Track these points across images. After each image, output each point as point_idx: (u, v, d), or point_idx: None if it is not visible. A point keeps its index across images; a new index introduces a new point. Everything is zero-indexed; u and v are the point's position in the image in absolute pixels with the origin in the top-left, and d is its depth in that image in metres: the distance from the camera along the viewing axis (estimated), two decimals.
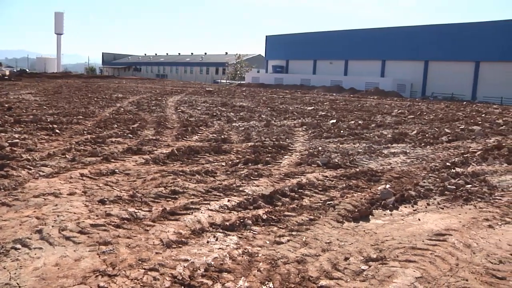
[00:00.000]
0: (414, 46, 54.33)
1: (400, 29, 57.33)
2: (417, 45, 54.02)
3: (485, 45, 48.01)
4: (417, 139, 12.15)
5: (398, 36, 56.55)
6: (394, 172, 7.75)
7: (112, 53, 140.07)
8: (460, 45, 50.13)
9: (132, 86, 40.10)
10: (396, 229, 4.88)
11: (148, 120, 13.71)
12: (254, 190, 6.07)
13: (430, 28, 54.50)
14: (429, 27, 55.02)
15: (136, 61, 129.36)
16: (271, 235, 4.47)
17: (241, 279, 3.44)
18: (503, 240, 4.67)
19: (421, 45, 53.70)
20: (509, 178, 7.75)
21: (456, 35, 50.67)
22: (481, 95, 48.35)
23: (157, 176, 6.61)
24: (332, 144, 10.68)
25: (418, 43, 53.95)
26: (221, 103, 22.56)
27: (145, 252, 3.85)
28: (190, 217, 4.82)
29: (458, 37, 50.47)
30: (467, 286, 3.50)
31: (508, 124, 18.10)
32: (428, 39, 53.04)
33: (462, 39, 50.05)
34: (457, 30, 51.36)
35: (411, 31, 55.60)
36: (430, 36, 53.03)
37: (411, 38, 54.85)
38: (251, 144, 9.92)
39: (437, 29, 53.65)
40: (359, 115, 19.63)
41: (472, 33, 49.40)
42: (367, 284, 3.49)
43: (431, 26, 54.97)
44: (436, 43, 52.30)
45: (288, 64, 72.31)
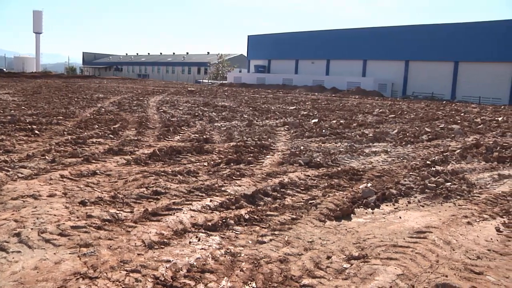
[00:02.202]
0: (395, 46, 54.92)
1: (381, 29, 57.87)
2: (398, 45, 54.62)
3: (464, 45, 48.80)
4: (398, 138, 12.29)
5: (379, 36, 57.08)
6: (376, 171, 7.82)
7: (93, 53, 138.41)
8: (440, 46, 50.85)
9: (113, 86, 39.73)
10: (377, 227, 4.93)
11: (130, 121, 13.60)
12: (236, 190, 6.07)
13: (410, 28, 55.16)
14: (410, 27, 55.68)
15: (117, 61, 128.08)
16: (254, 234, 4.47)
17: (223, 279, 3.44)
18: (481, 236, 4.76)
19: (402, 45, 54.31)
20: (487, 175, 7.89)
21: (436, 36, 51.38)
22: (460, 94, 49.13)
23: (138, 176, 6.55)
24: (314, 144, 10.73)
25: (399, 43, 54.55)
26: (203, 103, 22.49)
27: (127, 254, 3.82)
28: (172, 218, 4.79)
29: (438, 37, 51.19)
30: (446, 282, 3.55)
31: (485, 123, 18.42)
32: (409, 39, 53.67)
33: (442, 39, 50.77)
34: (437, 30, 52.08)
35: (392, 31, 56.17)
36: (411, 36, 53.67)
37: (392, 38, 55.42)
38: (233, 144, 9.91)
39: (417, 29, 54.32)
40: (341, 114, 19.76)
41: (451, 34, 50.15)
42: (349, 282, 3.51)
43: (411, 27, 55.64)
44: (417, 43, 52.96)
45: (270, 64, 72.39)
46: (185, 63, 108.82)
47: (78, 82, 46.06)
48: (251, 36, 76.43)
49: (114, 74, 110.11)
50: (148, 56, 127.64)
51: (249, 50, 76.46)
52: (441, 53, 50.95)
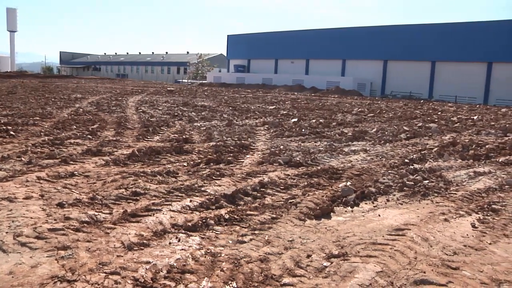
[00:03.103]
0: (373, 46, 55.53)
1: (360, 29, 58.44)
2: (377, 45, 55.24)
3: (441, 46, 49.65)
4: (376, 136, 12.42)
5: (358, 36, 57.64)
6: (355, 170, 7.89)
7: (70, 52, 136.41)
8: (417, 46, 51.63)
9: (92, 86, 39.25)
10: (357, 225, 4.97)
11: (108, 121, 13.46)
12: (216, 190, 6.05)
13: (388, 29, 55.87)
14: (388, 27, 56.38)
15: (95, 61, 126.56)
16: (234, 234, 4.46)
17: (204, 280, 3.43)
18: (457, 232, 4.86)
19: (380, 45, 54.95)
20: (463, 173, 8.03)
21: (414, 36, 52.16)
22: (437, 93, 49.95)
23: (117, 177, 6.49)
24: (294, 143, 10.78)
25: (378, 43, 55.18)
26: (183, 103, 22.38)
27: (106, 256, 3.77)
28: (151, 219, 4.76)
29: (415, 37, 51.97)
30: (424, 278, 3.61)
31: (461, 121, 18.76)
32: (387, 39, 54.36)
33: (419, 39, 51.58)
34: (415, 31, 52.87)
35: (371, 32, 56.78)
36: (389, 36, 54.36)
37: (371, 38, 56.03)
38: (213, 143, 9.89)
39: (395, 29, 55.07)
40: (320, 113, 19.88)
41: (429, 34, 50.98)
42: (329, 281, 3.53)
43: (390, 27, 56.36)
44: (395, 43, 53.68)
45: (249, 63, 72.44)
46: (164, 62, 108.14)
47: (55, 82, 45.37)
48: (230, 35, 76.38)
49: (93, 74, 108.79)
50: (127, 56, 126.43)
51: (229, 49, 76.40)
52: (418, 53, 51.75)
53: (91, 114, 15.16)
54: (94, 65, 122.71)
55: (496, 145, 11.50)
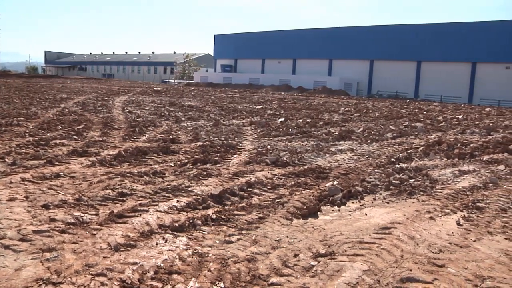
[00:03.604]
0: (360, 46, 55.88)
1: (346, 30, 58.75)
2: (363, 45, 55.60)
3: (426, 45, 50.17)
4: (363, 136, 12.50)
5: (344, 36, 57.94)
6: (342, 169, 7.92)
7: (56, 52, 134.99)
8: (403, 45, 52.10)
9: (77, 86, 38.92)
10: (344, 225, 5.00)
11: (94, 121, 13.35)
12: (203, 190, 6.04)
13: (375, 29, 56.24)
14: (374, 27, 56.75)
15: (81, 60, 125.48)
16: (221, 234, 4.46)
17: (191, 280, 3.42)
18: (443, 230, 4.91)
19: (366, 45, 55.32)
20: (448, 171, 8.12)
21: (400, 36, 52.63)
22: (423, 93, 50.44)
23: (104, 178, 6.43)
24: (281, 143, 10.80)
25: (364, 43, 55.54)
26: (169, 103, 22.30)
27: (92, 257, 3.74)
28: (138, 219, 4.73)
29: (401, 37, 52.44)
30: (411, 276, 3.64)
31: (447, 120, 18.97)
32: (373, 39, 54.74)
33: (405, 39, 52.04)
34: (401, 31, 53.34)
35: (357, 32, 57.13)
36: (375, 36, 54.75)
37: (357, 38, 56.38)
38: (199, 143, 9.86)
39: (381, 29, 55.46)
40: (307, 113, 19.94)
41: (414, 34, 51.48)
42: (316, 280, 3.55)
43: (376, 27, 56.73)
44: (381, 43, 54.08)
45: (236, 63, 72.40)
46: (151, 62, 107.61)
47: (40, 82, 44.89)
48: (217, 35, 76.26)
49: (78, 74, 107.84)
50: (113, 56, 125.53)
51: (216, 49, 76.29)
52: (404, 53, 52.21)
53: (77, 114, 15.03)
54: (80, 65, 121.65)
55: (481, 144, 11.66)
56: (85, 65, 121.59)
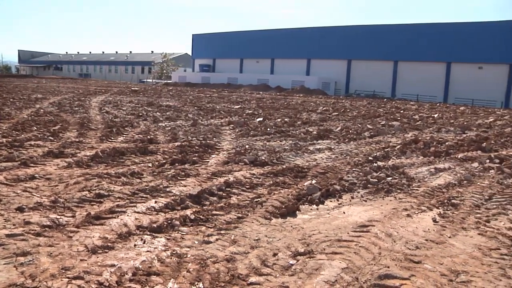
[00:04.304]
0: (337, 45, 56.32)
1: (324, 29, 59.11)
2: (341, 44, 56.05)
3: (403, 46, 50.85)
4: (341, 135, 12.60)
5: (322, 36, 58.29)
6: (320, 168, 7.98)
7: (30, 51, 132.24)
8: (380, 45, 52.69)
9: (53, 86, 38.29)
10: (322, 223, 5.03)
11: (71, 122, 13.15)
12: (181, 190, 6.01)
13: (352, 29, 56.74)
14: (352, 27, 57.25)
15: (56, 60, 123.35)
16: (200, 235, 4.45)
17: (170, 281, 3.40)
18: (419, 227, 4.99)
19: (344, 45, 55.78)
20: (425, 169, 8.25)
21: (376, 36, 53.20)
22: (399, 92, 51.13)
23: (80, 179, 6.35)
24: (259, 142, 10.81)
25: (342, 43, 56.00)
26: (147, 103, 22.11)
27: (69, 260, 3.68)
28: (116, 221, 4.68)
29: (378, 37, 53.03)
30: (388, 273, 3.69)
31: (423, 119, 19.27)
32: (351, 39, 55.22)
33: (382, 39, 52.65)
34: (377, 31, 53.92)
35: (335, 31, 57.55)
36: (353, 36, 55.25)
37: (335, 38, 56.79)
38: (178, 144, 9.81)
39: (359, 29, 55.98)
40: (286, 113, 20.01)
41: (391, 34, 52.11)
42: (295, 278, 3.57)
43: (353, 27, 57.23)
44: (358, 43, 54.61)
45: (215, 63, 72.20)
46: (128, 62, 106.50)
47: (14, 81, 44.02)
48: (195, 35, 75.90)
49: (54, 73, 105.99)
50: (90, 55, 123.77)
51: (194, 49, 75.93)
52: (381, 53, 52.81)
53: (53, 115, 14.77)
54: (55, 65, 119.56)
55: (456, 142, 11.88)
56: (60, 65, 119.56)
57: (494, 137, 13.66)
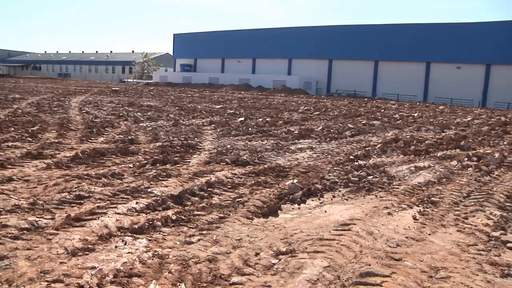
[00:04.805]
0: (319, 45, 56.55)
1: (305, 29, 59.31)
2: (322, 44, 56.29)
3: (383, 45, 51.34)
4: (322, 134, 12.67)
5: (303, 35, 58.47)
6: (301, 167, 8.01)
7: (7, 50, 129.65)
8: (361, 45, 53.10)
9: (31, 85, 37.71)
10: (304, 222, 5.06)
11: (50, 122, 12.96)
12: (162, 191, 5.98)
13: (333, 29, 57.04)
14: (333, 27, 57.54)
15: (35, 59, 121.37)
16: (181, 235, 4.43)
17: (152, 283, 3.38)
18: (400, 225, 5.05)
19: (325, 45, 56.03)
20: (405, 168, 8.35)
21: (357, 36, 53.60)
22: (380, 92, 51.61)
23: (60, 181, 6.26)
24: (241, 142, 10.81)
25: (323, 43, 56.24)
26: (128, 103, 21.92)
27: (48, 263, 3.63)
28: (96, 222, 4.63)
29: (359, 37, 53.43)
30: (369, 270, 3.73)
31: (403, 118, 19.49)
32: (332, 39, 55.52)
33: (362, 39, 53.07)
34: (358, 31, 54.33)
35: (316, 31, 57.77)
36: (334, 36, 55.58)
37: (316, 37, 57.01)
38: (159, 144, 9.75)
39: (339, 29, 56.32)
40: (267, 112, 20.04)
41: (371, 34, 52.56)
42: (278, 278, 3.58)
43: (334, 27, 57.54)
44: (339, 43, 54.95)
45: (196, 62, 71.92)
46: (109, 62, 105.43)
47: None
48: (177, 34, 75.49)
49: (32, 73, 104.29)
50: (69, 55, 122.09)
51: (175, 49, 75.50)
52: (362, 53, 53.23)
53: (31, 115, 14.54)
54: (33, 64, 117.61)
55: (435, 140, 12.05)
56: (39, 64, 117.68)
57: (472, 135, 13.91)
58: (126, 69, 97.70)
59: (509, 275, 3.82)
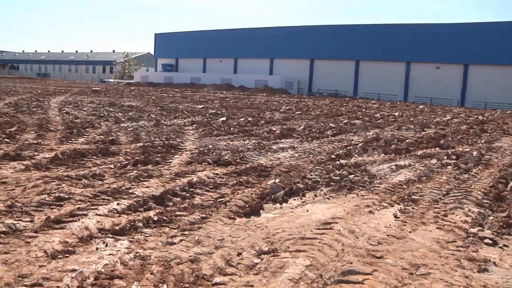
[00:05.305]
0: (300, 45, 56.79)
1: (287, 29, 59.52)
2: (303, 44, 56.55)
3: (364, 45, 51.80)
4: (304, 134, 12.73)
5: (285, 35, 58.66)
6: (283, 167, 8.03)
7: None
8: (342, 45, 53.52)
9: (9, 85, 37.08)
10: (286, 221, 5.07)
11: (28, 123, 12.76)
12: (144, 192, 5.93)
13: (314, 29, 57.37)
14: (314, 27, 57.87)
15: (12, 58, 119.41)
16: (163, 236, 4.40)
17: (133, 284, 3.35)
18: (381, 223, 5.11)
19: (307, 44, 56.30)
20: (386, 167, 8.44)
21: (338, 36, 54.01)
22: (361, 91, 52.10)
23: (39, 182, 6.16)
24: (223, 142, 10.79)
25: (304, 42, 56.50)
26: (109, 103, 21.70)
27: (26, 267, 3.56)
28: (77, 224, 4.57)
29: (340, 37, 53.84)
30: (351, 268, 3.76)
31: (384, 117, 19.69)
32: (313, 39, 55.81)
33: (344, 39, 53.49)
34: (339, 31, 54.74)
35: (297, 31, 58.03)
36: (315, 36, 55.89)
37: (297, 37, 57.24)
38: (140, 144, 9.67)
39: (321, 29, 56.67)
40: (249, 112, 20.05)
41: (352, 34, 53.01)
42: (260, 277, 3.58)
43: (315, 27, 57.86)
44: (321, 43, 55.27)
45: (178, 62, 71.60)
46: (89, 61, 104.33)
47: None
48: (158, 34, 75.04)
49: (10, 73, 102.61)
50: (49, 54, 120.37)
51: (156, 48, 75.06)
52: (343, 52, 53.65)
53: (9, 116, 14.29)
54: (11, 64, 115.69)
55: (415, 139, 12.20)
56: (17, 64, 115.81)
57: (451, 134, 14.12)
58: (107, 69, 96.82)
59: (486, 270, 3.90)
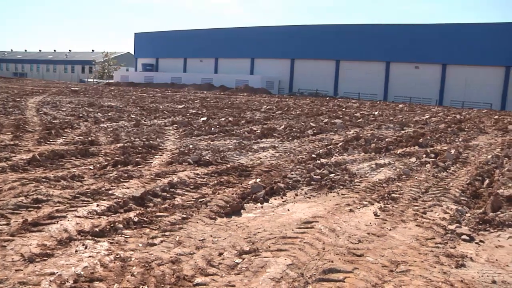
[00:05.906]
0: (281, 45, 56.99)
1: (267, 29, 59.67)
2: (284, 44, 56.75)
3: (345, 45, 52.24)
4: (285, 133, 12.77)
5: (266, 35, 58.81)
6: (264, 166, 8.05)
7: None
8: (322, 45, 53.88)
9: None
10: (267, 221, 5.08)
11: (4, 124, 12.51)
12: (124, 193, 5.88)
13: (295, 28, 57.64)
14: (294, 27, 58.14)
15: None
16: (144, 237, 4.37)
17: (114, 286, 3.32)
18: (362, 221, 5.16)
19: (287, 44, 56.51)
20: (366, 165, 8.52)
21: (318, 36, 54.34)
22: (342, 91, 52.54)
23: (16, 185, 6.05)
24: (203, 142, 10.76)
25: (285, 42, 56.71)
26: (88, 104, 21.43)
27: (2, 272, 3.47)
28: (55, 226, 4.51)
29: (320, 37, 54.19)
30: (332, 267, 3.79)
31: (364, 117, 19.87)
32: (294, 39, 56.06)
33: (324, 39, 53.87)
34: (320, 30, 55.08)
35: (278, 31, 58.22)
36: (295, 36, 56.14)
37: (278, 37, 57.44)
38: (120, 145, 9.57)
39: (301, 29, 56.96)
40: (230, 112, 20.03)
41: (333, 34, 53.41)
42: (241, 277, 3.58)
43: (296, 27, 58.14)
44: (301, 43, 55.54)
45: (158, 62, 71.19)
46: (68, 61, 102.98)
47: None
48: (138, 33, 74.48)
49: None
50: (25, 53, 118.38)
51: (137, 48, 74.51)
52: (324, 52, 54.01)
53: None
54: None
55: (395, 138, 12.35)
56: None
57: (429, 133, 14.33)
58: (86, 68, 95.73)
59: (463, 265, 3.97)
